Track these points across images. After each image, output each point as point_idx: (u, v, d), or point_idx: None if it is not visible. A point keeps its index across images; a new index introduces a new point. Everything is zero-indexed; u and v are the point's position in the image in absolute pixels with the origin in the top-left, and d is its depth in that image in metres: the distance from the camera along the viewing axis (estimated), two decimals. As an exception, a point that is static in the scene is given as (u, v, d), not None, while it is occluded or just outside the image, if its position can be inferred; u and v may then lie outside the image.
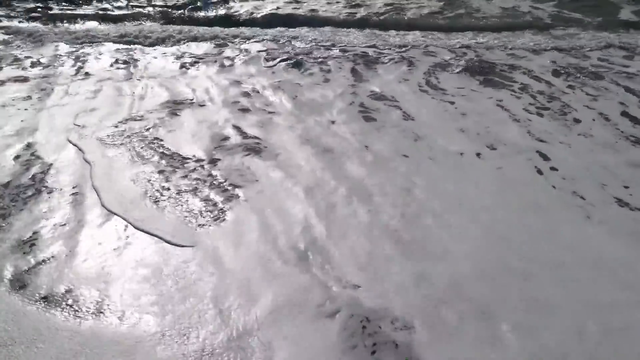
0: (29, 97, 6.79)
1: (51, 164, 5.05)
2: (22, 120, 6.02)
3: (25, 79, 7.58)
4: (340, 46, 9.39)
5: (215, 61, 8.61)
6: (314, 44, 9.57)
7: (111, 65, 8.44)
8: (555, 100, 6.56)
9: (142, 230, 4.08)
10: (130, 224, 4.15)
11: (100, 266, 3.73)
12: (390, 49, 9.16)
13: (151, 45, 9.79)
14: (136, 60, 8.77)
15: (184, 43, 9.87)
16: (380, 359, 2.97)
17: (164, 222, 4.17)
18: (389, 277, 3.55)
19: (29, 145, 5.39)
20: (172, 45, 9.77)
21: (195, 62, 8.55)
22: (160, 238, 3.99)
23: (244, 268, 3.68)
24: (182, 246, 3.91)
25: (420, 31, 10.19)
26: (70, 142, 5.49)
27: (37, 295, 3.48)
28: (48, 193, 4.58)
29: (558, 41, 9.50)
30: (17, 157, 5.17)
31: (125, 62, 8.65)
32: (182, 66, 8.34)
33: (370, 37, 9.98)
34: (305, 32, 10.33)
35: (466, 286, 3.46)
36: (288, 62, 8.39)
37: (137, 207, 4.37)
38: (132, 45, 9.76)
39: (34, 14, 11.83)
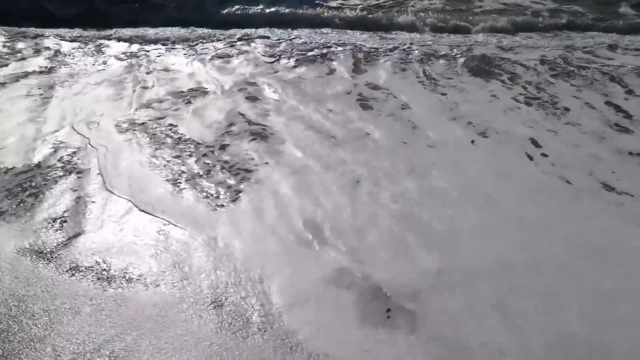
0: (52, 87, 6.95)
1: (79, 147, 5.30)
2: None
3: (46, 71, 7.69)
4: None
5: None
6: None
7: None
8: (542, 91, 6.80)
9: (159, 214, 4.28)
10: (153, 214, 4.35)
11: (123, 241, 3.94)
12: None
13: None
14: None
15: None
16: (394, 320, 3.21)
17: (179, 205, 4.38)
18: (398, 253, 3.79)
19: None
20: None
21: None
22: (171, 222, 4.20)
23: (261, 246, 3.92)
24: (193, 228, 4.11)
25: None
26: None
27: (67, 266, 3.68)
28: (77, 174, 4.80)
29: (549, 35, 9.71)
30: (45, 141, 5.41)
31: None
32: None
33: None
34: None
35: (465, 258, 3.72)
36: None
37: (164, 191, 4.57)
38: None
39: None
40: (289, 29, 10.07)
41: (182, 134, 5.56)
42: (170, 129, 5.66)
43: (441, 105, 6.37)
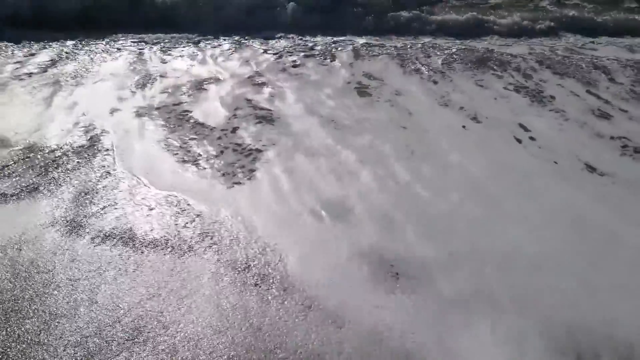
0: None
1: (103, 129, 5.59)
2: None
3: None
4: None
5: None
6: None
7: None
8: (530, 79, 7.15)
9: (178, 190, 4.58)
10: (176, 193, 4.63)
11: (145, 216, 4.22)
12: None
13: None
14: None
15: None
16: (402, 282, 3.57)
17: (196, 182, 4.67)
18: (401, 225, 4.13)
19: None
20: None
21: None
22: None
23: (277, 219, 4.23)
24: (211, 204, 4.40)
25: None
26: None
27: (94, 237, 3.96)
28: (103, 152, 5.11)
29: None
30: (76, 124, 5.73)
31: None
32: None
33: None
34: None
35: (461, 228, 4.09)
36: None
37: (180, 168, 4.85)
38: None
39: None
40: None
41: (196, 118, 5.83)
42: (185, 114, 5.95)
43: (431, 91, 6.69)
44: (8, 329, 3.23)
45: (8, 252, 3.81)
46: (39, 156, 5.03)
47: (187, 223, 4.14)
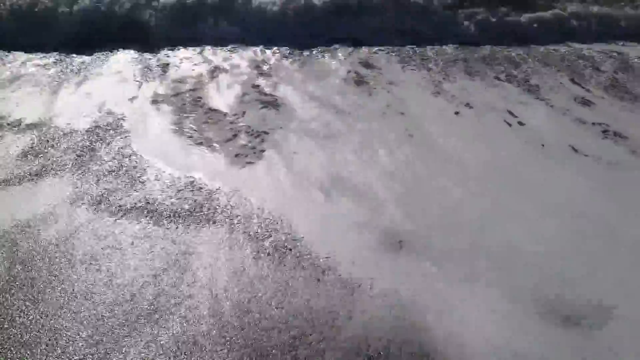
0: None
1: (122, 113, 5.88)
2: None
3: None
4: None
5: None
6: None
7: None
8: (519, 69, 7.46)
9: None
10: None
11: (161, 193, 4.51)
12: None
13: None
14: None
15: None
16: (406, 249, 3.91)
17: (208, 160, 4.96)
18: (405, 201, 4.45)
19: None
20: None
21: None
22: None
23: (288, 195, 4.55)
24: (225, 182, 4.70)
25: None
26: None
27: (114, 210, 4.26)
28: (122, 135, 5.41)
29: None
30: (97, 109, 6.02)
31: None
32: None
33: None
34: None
35: (459, 202, 4.44)
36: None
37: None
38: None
39: None
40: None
41: (207, 104, 6.12)
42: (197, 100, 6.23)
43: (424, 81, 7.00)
44: (48, 294, 3.53)
45: (36, 225, 4.10)
46: (63, 140, 5.31)
47: (203, 200, 4.43)
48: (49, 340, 3.22)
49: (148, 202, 4.39)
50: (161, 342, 3.23)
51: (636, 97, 6.54)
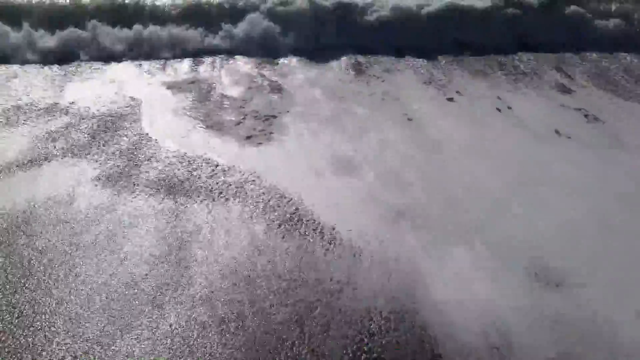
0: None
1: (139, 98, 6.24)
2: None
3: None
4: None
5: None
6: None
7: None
8: (507, 59, 7.83)
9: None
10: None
11: (176, 173, 4.86)
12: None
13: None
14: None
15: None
16: (404, 219, 4.31)
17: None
18: (404, 175, 4.84)
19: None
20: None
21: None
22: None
23: (298, 172, 4.89)
24: (238, 162, 5.05)
25: None
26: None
27: (132, 189, 4.61)
28: (138, 118, 5.77)
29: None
30: (116, 93, 6.39)
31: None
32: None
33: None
34: None
35: (455, 177, 4.86)
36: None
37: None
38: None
39: None
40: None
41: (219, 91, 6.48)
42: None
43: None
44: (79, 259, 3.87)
45: (64, 199, 4.45)
46: (82, 124, 5.65)
47: (217, 177, 4.76)
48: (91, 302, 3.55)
49: (164, 181, 4.70)
50: (175, 316, 3.44)
51: (616, 86, 6.98)
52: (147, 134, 5.40)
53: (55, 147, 5.13)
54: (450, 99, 6.40)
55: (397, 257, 3.93)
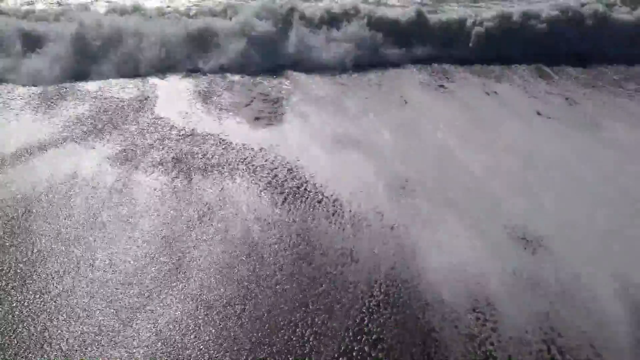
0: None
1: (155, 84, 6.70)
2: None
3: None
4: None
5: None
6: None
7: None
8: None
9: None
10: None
11: (189, 151, 5.29)
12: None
13: None
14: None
15: None
16: (405, 191, 4.77)
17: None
18: (407, 155, 5.33)
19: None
20: None
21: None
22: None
23: (307, 150, 5.33)
24: (249, 140, 5.53)
25: None
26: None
27: (145, 170, 5.03)
28: (154, 101, 6.21)
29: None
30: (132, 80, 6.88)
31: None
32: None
33: None
34: None
35: (448, 154, 5.32)
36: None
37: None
38: None
39: None
40: None
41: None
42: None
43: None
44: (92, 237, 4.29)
45: (81, 179, 4.87)
46: (102, 109, 6.10)
47: (229, 155, 5.18)
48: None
49: (179, 160, 5.09)
50: (186, 292, 3.65)
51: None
52: (164, 116, 5.88)
53: (79, 129, 5.59)
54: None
55: (398, 225, 4.28)
